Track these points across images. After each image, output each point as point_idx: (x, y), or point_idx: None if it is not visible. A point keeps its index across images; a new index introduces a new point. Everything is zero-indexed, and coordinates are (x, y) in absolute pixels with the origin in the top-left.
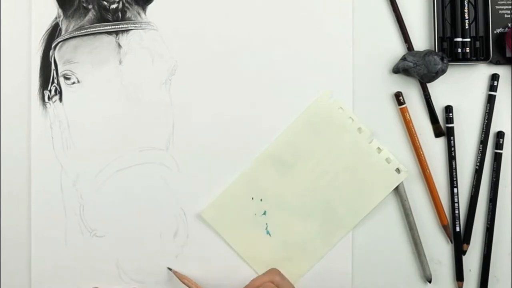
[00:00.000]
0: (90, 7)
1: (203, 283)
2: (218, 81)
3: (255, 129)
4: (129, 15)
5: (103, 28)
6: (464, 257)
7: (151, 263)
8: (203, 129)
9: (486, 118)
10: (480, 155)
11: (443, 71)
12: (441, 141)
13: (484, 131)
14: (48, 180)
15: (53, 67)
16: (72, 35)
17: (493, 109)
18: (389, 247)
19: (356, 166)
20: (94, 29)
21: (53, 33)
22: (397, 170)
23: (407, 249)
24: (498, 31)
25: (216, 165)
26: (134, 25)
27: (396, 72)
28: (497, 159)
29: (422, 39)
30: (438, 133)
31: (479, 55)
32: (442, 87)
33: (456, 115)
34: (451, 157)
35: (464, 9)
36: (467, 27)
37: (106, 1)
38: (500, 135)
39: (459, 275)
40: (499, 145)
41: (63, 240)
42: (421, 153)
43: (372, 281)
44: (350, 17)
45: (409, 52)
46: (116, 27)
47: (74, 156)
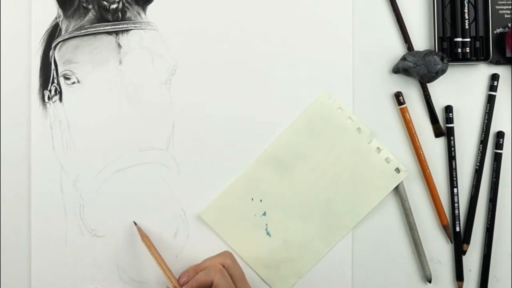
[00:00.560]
0: (90, 7)
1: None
2: (218, 81)
3: (256, 129)
4: (129, 15)
5: (103, 28)
6: (464, 257)
7: (151, 263)
8: (203, 129)
9: (486, 118)
10: (480, 155)
11: (443, 71)
12: (441, 141)
13: (484, 131)
14: (48, 180)
15: (53, 67)
16: (72, 35)
17: (493, 109)
18: (389, 247)
19: (355, 166)
20: (94, 29)
21: (53, 33)
22: (396, 169)
23: (407, 249)
24: (498, 31)
25: (216, 165)
26: (134, 25)
27: (396, 72)
28: (497, 159)
29: (422, 39)
30: (438, 133)
31: (479, 55)
32: (442, 87)
33: (456, 115)
34: (451, 157)
35: (464, 9)
36: (467, 27)
37: (106, 1)
38: (500, 135)
39: (459, 275)
40: (499, 145)
41: (63, 240)
42: (421, 153)
43: (372, 281)
44: (350, 17)
45: (409, 52)
46: (116, 27)
47: (74, 156)
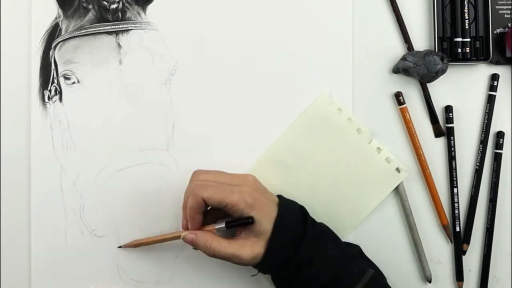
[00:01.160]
0: (90, 7)
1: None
2: (218, 81)
3: (256, 129)
4: (129, 15)
5: (103, 28)
6: (464, 257)
7: (151, 263)
8: (203, 129)
9: (486, 118)
10: (480, 155)
11: (443, 71)
12: (441, 141)
13: (484, 131)
14: (48, 180)
15: (53, 67)
16: (72, 35)
17: (493, 109)
18: (389, 247)
19: (356, 166)
20: (94, 29)
21: (53, 33)
22: (397, 169)
23: (407, 249)
24: (498, 31)
25: (216, 165)
26: (134, 25)
27: (396, 72)
28: (497, 159)
29: (422, 39)
30: (438, 133)
31: (479, 55)
32: (442, 87)
33: (456, 115)
34: (451, 157)
35: (464, 9)
36: (467, 27)
37: (106, 1)
38: (500, 135)
39: (459, 275)
40: (499, 145)
41: (63, 240)
42: (421, 153)
43: None
44: (350, 17)
45: (409, 52)
46: (116, 27)
47: (74, 156)
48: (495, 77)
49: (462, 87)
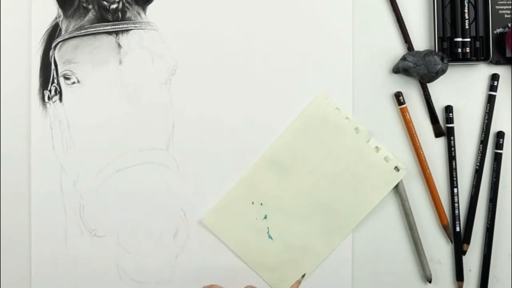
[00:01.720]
0: (90, 7)
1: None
2: (218, 81)
3: (256, 129)
4: (129, 15)
5: (103, 28)
6: (464, 257)
7: (151, 263)
8: (203, 129)
9: (486, 118)
10: (480, 155)
11: (443, 71)
12: (441, 141)
13: (484, 131)
14: (48, 180)
15: (53, 67)
16: (72, 35)
17: (493, 109)
18: (389, 247)
19: (355, 166)
20: (94, 29)
21: (53, 33)
22: (396, 168)
23: (407, 249)
24: (498, 31)
25: (216, 165)
26: (134, 25)
27: (396, 72)
28: (497, 159)
29: (422, 39)
30: (438, 133)
31: (479, 55)
32: (442, 87)
33: (456, 115)
34: (451, 157)
35: (464, 9)
36: (467, 27)
37: (106, 1)
38: (500, 135)
39: (459, 275)
40: (499, 145)
41: (63, 240)
42: (421, 153)
43: (372, 281)
44: (350, 17)
45: (409, 52)
46: (116, 27)
47: (74, 156)
48: (495, 77)
49: (462, 87)
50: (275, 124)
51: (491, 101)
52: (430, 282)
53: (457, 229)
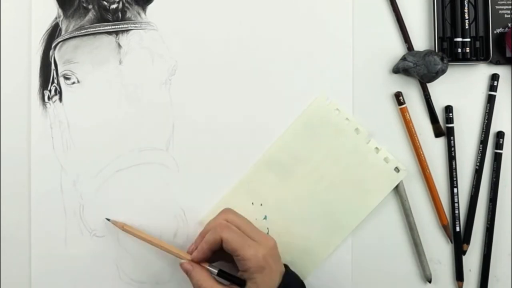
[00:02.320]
0: (90, 7)
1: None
2: (218, 81)
3: (256, 129)
4: (129, 15)
5: (103, 28)
6: (464, 257)
7: (151, 263)
8: (203, 129)
9: (486, 118)
10: (480, 155)
11: (443, 71)
12: (441, 141)
13: (484, 131)
14: (48, 180)
15: (53, 67)
16: (72, 35)
17: (493, 109)
18: (389, 247)
19: (355, 167)
20: (94, 29)
21: (53, 33)
22: (396, 169)
23: (407, 249)
24: (498, 31)
25: (216, 165)
26: (134, 25)
27: (396, 72)
28: (497, 159)
29: (422, 39)
30: (438, 133)
31: (479, 55)
32: (442, 87)
33: (456, 115)
34: (451, 157)
35: (464, 9)
36: (467, 27)
37: (106, 1)
38: (500, 135)
39: (459, 275)
40: (499, 145)
41: (63, 240)
42: (421, 153)
43: (372, 281)
44: (350, 17)
45: (409, 52)
46: (116, 27)
47: (74, 156)
48: (495, 77)
49: (462, 87)
50: (275, 124)
51: (491, 101)
52: (430, 282)
53: (457, 229)
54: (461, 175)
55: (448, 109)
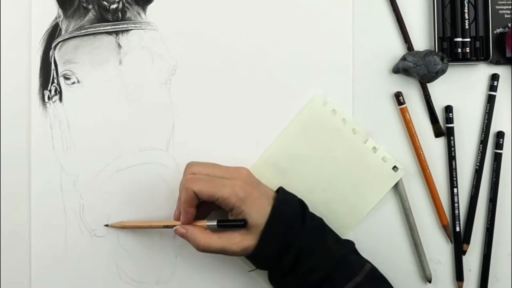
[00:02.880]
0: (90, 7)
1: (202, 284)
2: (217, 81)
3: (256, 129)
4: (129, 15)
5: (103, 28)
6: (464, 257)
7: (151, 263)
8: (203, 129)
9: (486, 118)
10: (480, 155)
11: (443, 71)
12: (441, 141)
13: (484, 131)
14: (48, 180)
15: (53, 67)
16: (72, 35)
17: (493, 109)
18: (389, 247)
19: (352, 167)
20: (94, 29)
21: (53, 33)
22: (394, 168)
23: (407, 249)
24: (498, 31)
25: None
26: (134, 25)
27: (396, 72)
28: (497, 159)
29: (422, 39)
30: (438, 133)
31: (479, 55)
32: (442, 87)
33: (456, 115)
34: (451, 157)
35: (464, 9)
36: (467, 27)
37: (106, 1)
38: (500, 135)
39: (459, 275)
40: (499, 145)
41: (63, 240)
42: (421, 153)
43: None
44: (350, 17)
45: (409, 52)
46: (116, 27)
47: (74, 156)
48: (495, 77)
49: (462, 87)
50: (274, 124)
51: (491, 101)
52: (430, 282)
53: (457, 229)
54: (461, 175)
55: (448, 109)
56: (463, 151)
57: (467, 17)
